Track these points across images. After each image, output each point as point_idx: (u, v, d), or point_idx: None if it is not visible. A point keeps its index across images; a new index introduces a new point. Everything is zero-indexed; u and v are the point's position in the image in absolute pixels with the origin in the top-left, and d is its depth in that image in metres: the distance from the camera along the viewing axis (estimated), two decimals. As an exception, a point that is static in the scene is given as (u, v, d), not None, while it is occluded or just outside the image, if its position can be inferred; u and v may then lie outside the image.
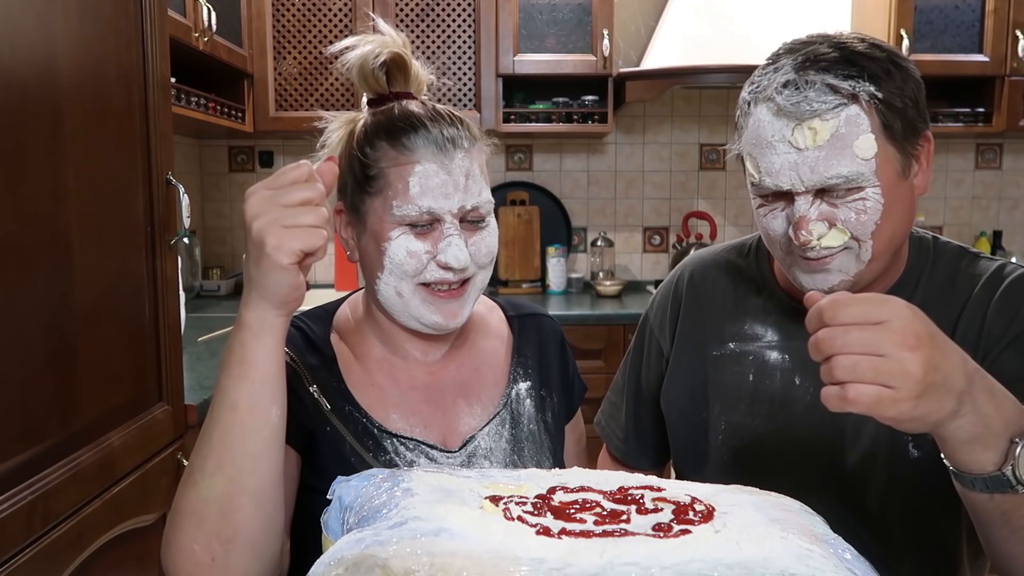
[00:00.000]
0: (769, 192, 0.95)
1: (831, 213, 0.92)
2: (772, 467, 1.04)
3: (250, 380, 0.77)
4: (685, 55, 2.91)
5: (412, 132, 0.93)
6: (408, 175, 0.91)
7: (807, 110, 0.89)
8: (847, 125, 0.89)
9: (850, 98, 0.90)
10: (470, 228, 0.95)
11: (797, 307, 1.05)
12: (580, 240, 3.42)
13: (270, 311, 0.77)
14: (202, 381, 1.82)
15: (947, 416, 0.69)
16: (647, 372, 1.19)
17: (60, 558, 1.14)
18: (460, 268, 0.93)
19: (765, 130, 0.92)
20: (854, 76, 0.90)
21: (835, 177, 0.90)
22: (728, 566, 0.62)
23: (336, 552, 0.65)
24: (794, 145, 0.90)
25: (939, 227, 3.43)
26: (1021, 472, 0.72)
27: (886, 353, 0.66)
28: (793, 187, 0.92)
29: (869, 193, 0.91)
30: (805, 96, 0.89)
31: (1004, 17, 2.90)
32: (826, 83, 0.90)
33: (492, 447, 1.00)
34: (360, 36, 0.98)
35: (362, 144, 0.95)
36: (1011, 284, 0.97)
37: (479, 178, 0.95)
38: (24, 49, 1.07)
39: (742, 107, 0.97)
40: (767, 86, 0.93)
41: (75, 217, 1.18)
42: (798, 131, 0.90)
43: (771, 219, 0.96)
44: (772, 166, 0.92)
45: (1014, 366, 0.92)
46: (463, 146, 0.94)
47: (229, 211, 3.37)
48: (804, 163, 0.90)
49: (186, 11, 2.26)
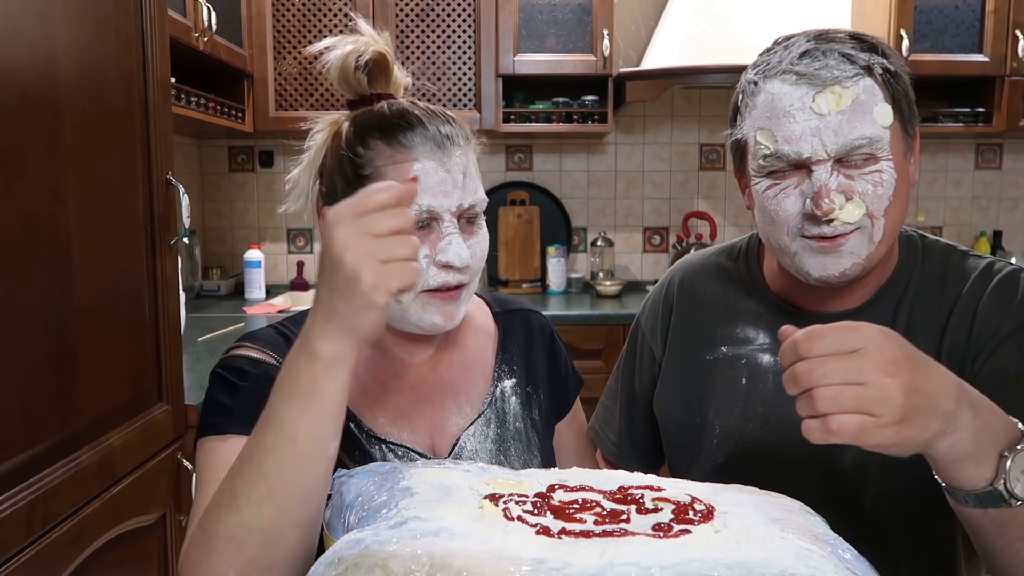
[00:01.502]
0: (784, 165, 0.94)
1: (848, 185, 0.92)
2: (767, 470, 1.03)
3: (316, 412, 0.73)
4: (685, 55, 2.92)
5: (409, 129, 0.91)
6: (407, 173, 0.90)
7: (828, 76, 0.90)
8: (866, 93, 0.91)
9: (865, 70, 0.91)
10: (466, 228, 0.94)
11: (788, 309, 1.05)
12: (580, 240, 3.42)
13: (349, 345, 0.72)
14: (202, 381, 1.82)
15: (934, 437, 0.69)
16: (640, 377, 1.19)
17: (60, 558, 1.14)
18: (462, 266, 0.91)
19: (782, 101, 0.92)
20: (867, 49, 0.92)
21: (860, 139, 0.90)
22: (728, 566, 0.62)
23: (336, 552, 0.65)
24: (816, 111, 0.90)
25: (939, 227, 3.43)
26: (1013, 486, 0.71)
27: (866, 381, 0.66)
28: (814, 153, 0.91)
29: (884, 166, 0.92)
30: (825, 64, 0.91)
31: (1004, 17, 2.90)
32: (843, 53, 0.92)
33: (477, 448, 0.99)
34: (340, 37, 0.97)
35: (353, 143, 0.93)
36: (1001, 281, 0.96)
37: (475, 176, 0.94)
38: (24, 49, 1.07)
39: (747, 88, 0.97)
40: (780, 60, 0.93)
41: (75, 217, 1.18)
42: (820, 97, 0.90)
43: (782, 198, 0.95)
44: (792, 134, 0.91)
45: (1008, 363, 0.92)
46: (459, 143, 0.93)
47: (229, 211, 3.37)
48: (827, 127, 0.90)
49: (186, 11, 2.26)
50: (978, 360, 0.94)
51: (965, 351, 0.95)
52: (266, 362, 0.93)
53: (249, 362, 0.93)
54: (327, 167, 0.97)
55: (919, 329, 0.98)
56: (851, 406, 0.66)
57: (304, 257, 3.36)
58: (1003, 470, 0.71)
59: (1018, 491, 0.71)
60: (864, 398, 0.66)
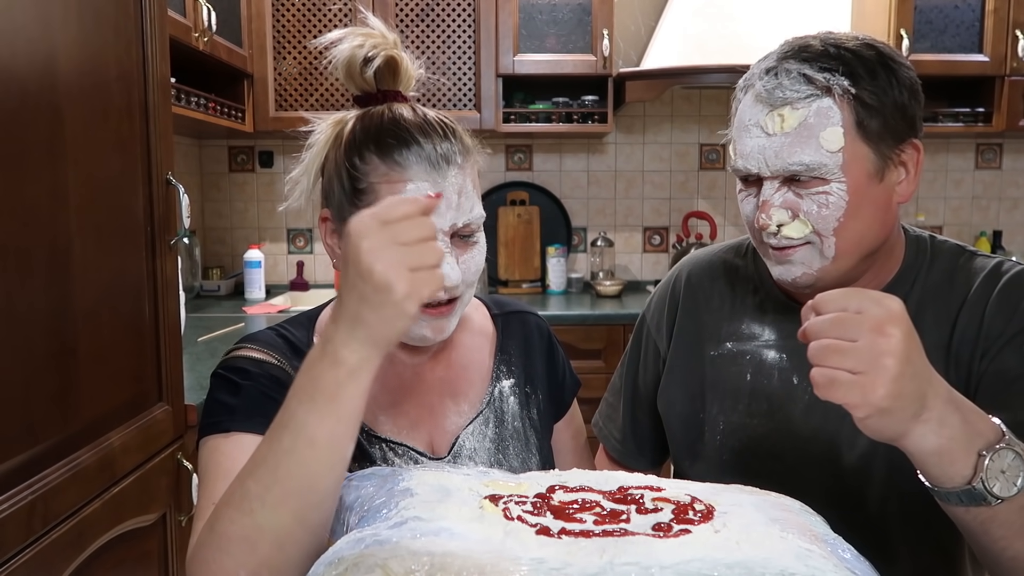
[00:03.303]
0: (742, 175, 0.99)
1: (795, 203, 0.95)
2: (771, 466, 1.04)
3: (338, 418, 0.72)
4: (685, 55, 2.92)
5: (404, 148, 0.89)
6: (399, 193, 0.88)
7: (779, 97, 0.93)
8: (816, 116, 0.92)
9: (824, 90, 0.92)
10: (461, 245, 0.93)
11: (794, 306, 1.06)
12: (580, 240, 3.42)
13: (375, 353, 0.72)
14: (201, 381, 1.82)
15: (910, 419, 0.72)
16: (644, 373, 1.20)
17: (60, 558, 1.15)
18: (451, 287, 0.91)
19: (744, 115, 0.97)
20: (830, 69, 0.92)
21: (796, 164, 0.92)
22: (728, 566, 0.62)
23: (336, 552, 0.65)
24: (764, 130, 0.94)
25: (939, 227, 3.43)
26: (991, 484, 0.73)
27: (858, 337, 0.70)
28: (760, 171, 0.95)
29: (834, 188, 0.93)
30: (779, 84, 0.93)
31: (1004, 17, 2.90)
32: (802, 73, 0.93)
33: (476, 447, 1.00)
34: (349, 29, 0.95)
35: (351, 154, 0.92)
36: (1009, 281, 0.97)
37: (471, 194, 0.93)
38: (24, 49, 1.07)
39: (736, 95, 1.01)
40: (753, 74, 0.97)
41: (75, 217, 1.19)
42: (769, 117, 0.94)
43: (746, 204, 1.00)
44: (745, 149, 0.96)
45: (1013, 364, 0.93)
46: (456, 162, 0.91)
47: (229, 211, 3.37)
48: (770, 147, 0.93)
49: (186, 11, 2.26)
50: (984, 360, 0.95)
51: (972, 350, 0.96)
52: (268, 362, 0.93)
53: (251, 362, 0.93)
54: (328, 169, 0.97)
55: (927, 328, 0.98)
56: (838, 360, 0.70)
57: (304, 257, 3.36)
58: (981, 468, 0.73)
59: (996, 490, 0.73)
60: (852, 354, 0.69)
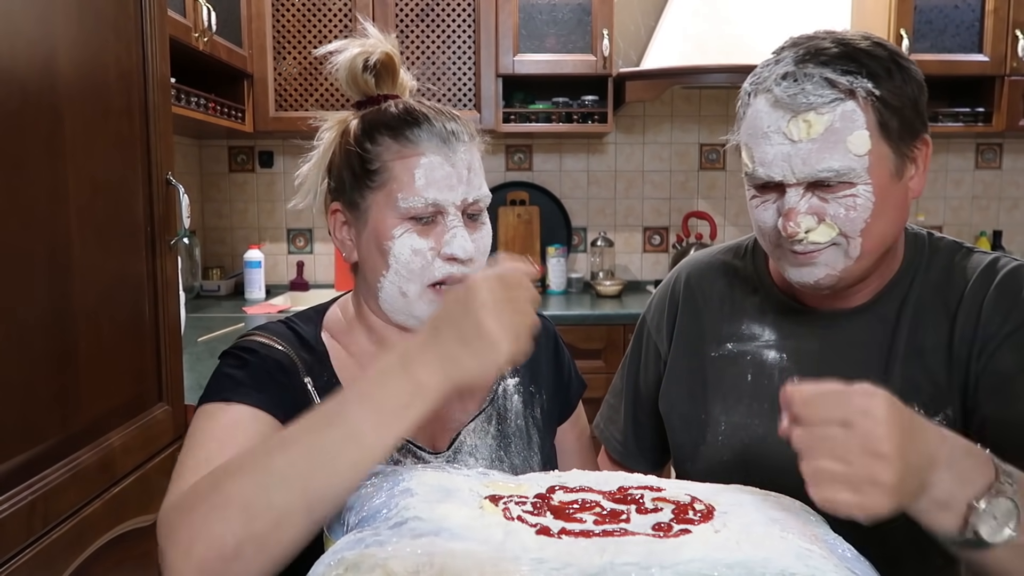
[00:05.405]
0: (762, 183, 0.96)
1: (821, 208, 0.93)
2: (772, 467, 1.03)
3: (393, 430, 0.74)
4: (685, 55, 2.92)
5: (416, 126, 0.94)
6: (413, 167, 0.93)
7: (803, 103, 0.90)
8: (842, 120, 0.90)
9: (847, 93, 0.90)
10: (470, 223, 0.96)
11: (794, 306, 1.06)
12: (580, 240, 3.42)
13: (450, 387, 0.75)
14: (201, 381, 1.81)
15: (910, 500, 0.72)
16: (645, 374, 1.20)
17: (60, 558, 1.14)
18: (467, 259, 0.94)
19: (762, 121, 0.94)
20: (853, 72, 0.90)
21: (826, 170, 0.90)
22: (728, 566, 0.62)
23: (336, 552, 0.65)
24: (788, 137, 0.91)
25: (939, 227, 3.42)
26: (982, 532, 0.73)
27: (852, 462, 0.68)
28: (785, 178, 0.93)
29: (860, 190, 0.92)
30: (802, 88, 0.90)
31: (1004, 17, 2.90)
32: (824, 77, 0.90)
33: (477, 444, 1.00)
34: (347, 40, 0.99)
35: (361, 139, 0.96)
36: (1005, 277, 0.97)
37: (479, 171, 0.97)
38: (24, 49, 1.07)
39: (743, 97, 0.99)
40: (767, 78, 0.94)
41: (75, 217, 1.18)
42: (793, 123, 0.91)
43: (762, 210, 0.98)
44: (766, 156, 0.93)
45: (1009, 363, 0.93)
46: (464, 140, 0.96)
47: (229, 211, 3.37)
48: (797, 155, 0.91)
49: (186, 11, 2.26)
50: (981, 358, 0.95)
51: (971, 347, 0.96)
52: (276, 347, 0.95)
53: (260, 344, 0.95)
54: (335, 164, 1.00)
55: (927, 325, 0.99)
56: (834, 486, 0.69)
57: (304, 257, 3.36)
58: (973, 517, 0.73)
59: (987, 536, 0.73)
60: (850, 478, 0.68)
